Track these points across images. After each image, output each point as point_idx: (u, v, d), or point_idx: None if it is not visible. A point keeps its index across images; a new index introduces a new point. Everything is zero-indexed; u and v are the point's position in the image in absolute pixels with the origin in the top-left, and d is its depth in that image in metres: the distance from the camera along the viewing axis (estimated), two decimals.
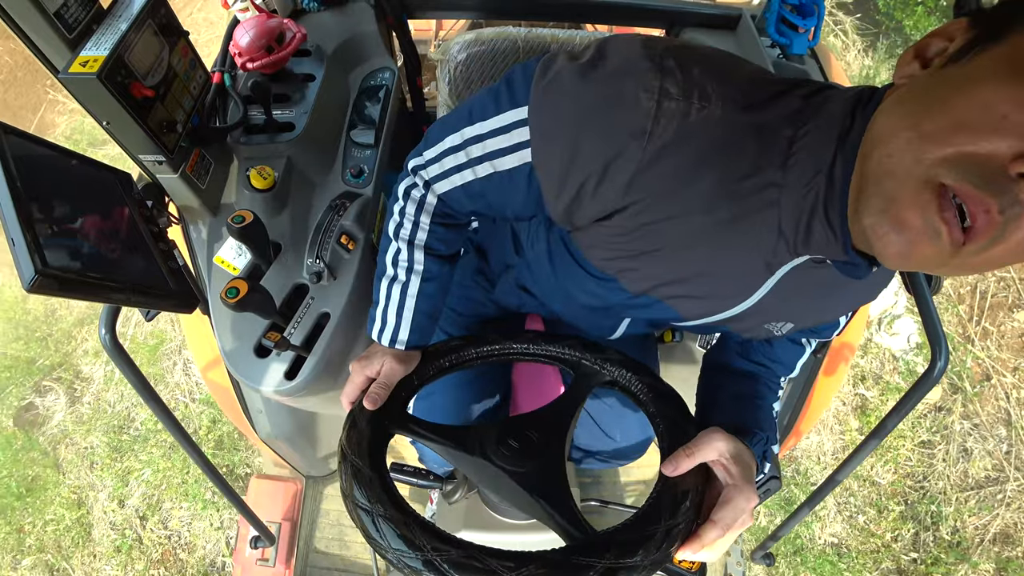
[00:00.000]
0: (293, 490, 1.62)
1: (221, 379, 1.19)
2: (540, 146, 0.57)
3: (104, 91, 0.72)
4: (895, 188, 0.44)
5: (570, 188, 0.57)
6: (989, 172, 0.39)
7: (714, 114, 0.50)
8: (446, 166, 0.68)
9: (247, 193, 0.97)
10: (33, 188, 0.64)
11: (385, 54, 1.22)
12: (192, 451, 1.06)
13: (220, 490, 1.16)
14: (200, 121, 0.94)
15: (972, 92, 0.40)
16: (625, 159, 0.52)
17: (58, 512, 2.16)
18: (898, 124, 0.44)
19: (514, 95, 0.59)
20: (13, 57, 3.08)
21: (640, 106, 0.50)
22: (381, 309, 0.79)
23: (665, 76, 0.50)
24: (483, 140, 0.62)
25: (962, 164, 0.40)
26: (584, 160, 0.54)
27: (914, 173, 0.42)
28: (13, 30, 0.70)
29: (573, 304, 0.83)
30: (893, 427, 0.96)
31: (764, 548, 1.40)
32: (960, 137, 0.40)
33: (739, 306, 0.66)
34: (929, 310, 0.88)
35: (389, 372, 0.75)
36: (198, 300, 0.84)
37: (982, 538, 2.04)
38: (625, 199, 0.55)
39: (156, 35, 0.82)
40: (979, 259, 0.43)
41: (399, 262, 0.77)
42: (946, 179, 0.41)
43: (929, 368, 0.87)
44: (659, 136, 0.51)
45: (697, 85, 0.50)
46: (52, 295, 0.61)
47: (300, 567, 1.59)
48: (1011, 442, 2.18)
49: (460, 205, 0.72)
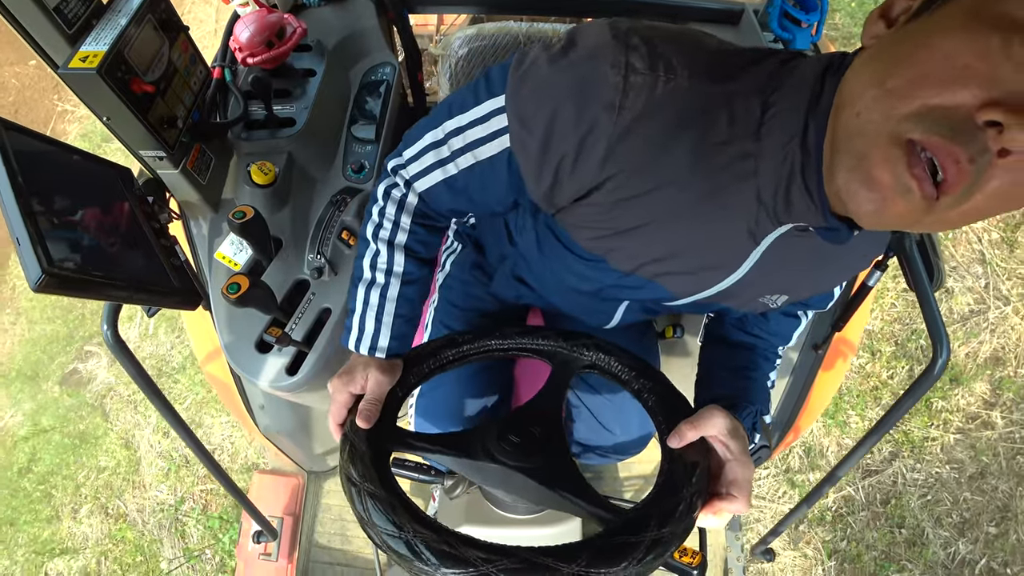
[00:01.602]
0: (295, 485, 1.62)
1: (222, 374, 1.19)
2: (517, 130, 0.58)
3: (104, 87, 0.72)
4: (864, 146, 0.44)
5: (549, 169, 0.58)
6: (956, 123, 0.39)
7: (681, 85, 0.51)
8: (427, 162, 0.68)
9: (248, 189, 0.97)
10: (34, 184, 0.64)
11: (386, 49, 1.21)
12: (195, 447, 1.06)
13: (223, 485, 1.17)
14: (201, 116, 0.94)
15: (934, 45, 0.40)
16: (598, 134, 0.53)
17: (108, 458, 2.31)
18: (865, 83, 0.45)
19: (491, 86, 0.61)
20: (20, 80, 3.20)
21: (608, 81, 0.51)
22: (358, 316, 0.75)
23: (630, 51, 0.51)
24: (463, 131, 0.63)
25: (929, 117, 0.40)
26: (559, 139, 0.56)
27: (882, 130, 0.43)
28: (13, 26, 0.70)
29: (567, 291, 0.83)
30: (895, 422, 0.96)
31: (765, 543, 1.40)
32: (925, 90, 0.40)
33: (728, 279, 0.66)
34: (930, 305, 0.87)
35: (376, 385, 0.71)
36: (200, 297, 0.84)
37: (974, 363, 2.20)
38: (601, 174, 0.56)
39: (156, 30, 0.82)
40: (955, 213, 0.43)
41: (378, 265, 0.75)
42: (914, 134, 0.41)
43: (931, 363, 0.87)
44: (629, 109, 0.52)
45: (662, 58, 0.51)
46: (58, 294, 0.61)
47: (302, 561, 1.60)
48: (988, 277, 2.32)
49: (441, 203, 0.72)
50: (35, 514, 2.25)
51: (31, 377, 2.54)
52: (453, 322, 0.99)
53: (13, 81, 3.19)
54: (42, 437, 2.40)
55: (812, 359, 1.18)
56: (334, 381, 0.73)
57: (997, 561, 1.93)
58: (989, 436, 2.08)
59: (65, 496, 2.27)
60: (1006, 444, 2.07)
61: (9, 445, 2.40)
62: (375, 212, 0.75)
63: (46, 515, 2.24)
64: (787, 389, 1.23)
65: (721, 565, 1.61)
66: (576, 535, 1.22)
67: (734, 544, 1.62)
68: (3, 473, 2.36)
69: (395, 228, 0.74)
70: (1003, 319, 2.23)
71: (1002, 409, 2.12)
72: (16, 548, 2.21)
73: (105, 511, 2.22)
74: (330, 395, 0.73)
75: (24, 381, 2.54)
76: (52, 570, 2.15)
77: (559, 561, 0.53)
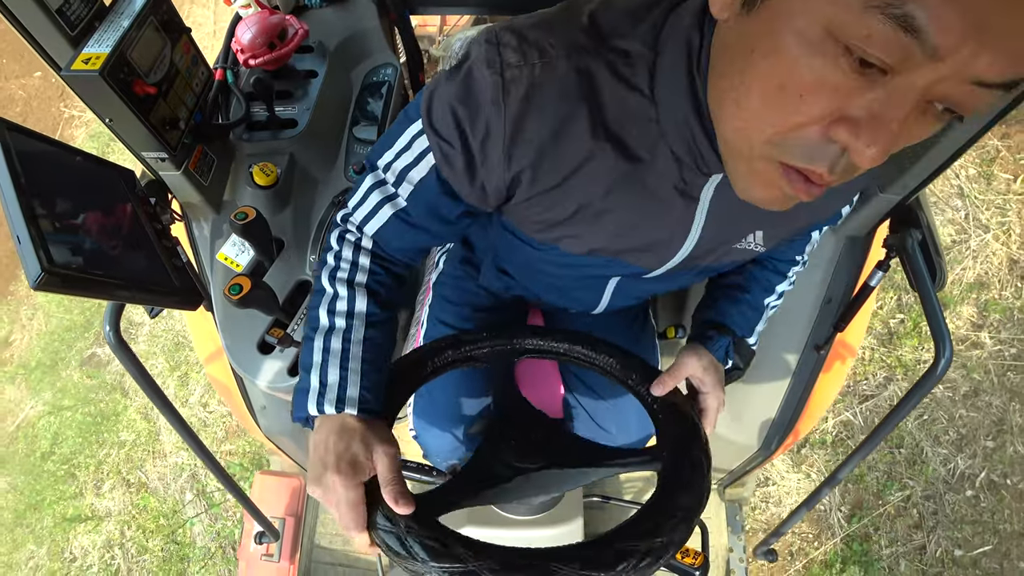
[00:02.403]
0: (297, 486, 1.62)
1: (224, 375, 1.20)
2: (436, 144, 0.59)
3: (106, 88, 0.72)
4: (746, 171, 0.47)
5: (467, 177, 0.60)
6: (810, 144, 0.41)
7: (559, 65, 0.52)
8: (373, 202, 0.68)
9: (250, 190, 0.98)
10: (36, 184, 0.64)
11: (387, 50, 1.22)
12: (196, 447, 1.06)
13: (224, 486, 1.17)
14: (203, 118, 0.94)
15: (766, 72, 0.40)
16: (494, 134, 0.55)
17: (128, 432, 2.40)
18: (726, 99, 0.45)
19: (409, 114, 0.63)
20: (26, 90, 3.29)
21: (487, 81, 0.53)
22: (317, 369, 0.64)
23: (502, 48, 0.53)
24: (394, 163, 0.65)
25: (785, 142, 0.42)
26: (465, 148, 0.57)
27: (752, 156, 0.45)
28: (16, 28, 0.70)
29: (543, 277, 0.83)
30: (895, 425, 0.95)
31: (766, 544, 1.40)
32: (771, 118, 0.41)
33: (687, 243, 0.66)
34: (932, 305, 0.87)
35: (386, 457, 0.60)
36: (202, 297, 0.84)
37: (959, 288, 2.28)
38: (509, 172, 0.58)
39: (158, 32, 0.82)
40: (847, 178, 0.44)
41: (337, 309, 0.67)
42: (780, 157, 0.43)
43: (933, 364, 0.86)
44: (512, 103, 0.53)
45: (533, 44, 0.52)
46: (58, 292, 0.62)
47: (304, 562, 1.60)
48: (967, 209, 2.39)
49: (395, 242, 0.70)
50: (59, 494, 2.33)
51: (51, 366, 2.63)
52: (448, 317, 1.00)
53: (20, 92, 3.28)
54: (63, 420, 2.49)
55: (813, 360, 1.17)
56: (324, 485, 0.58)
57: (997, 473, 2.00)
58: (979, 355, 2.15)
59: (88, 474, 2.35)
60: (996, 362, 2.14)
61: (31, 435, 2.49)
62: (330, 257, 0.70)
63: (70, 493, 2.33)
64: (788, 391, 1.23)
65: (723, 566, 1.61)
66: (578, 535, 1.21)
67: (736, 545, 1.61)
68: (26, 459, 2.44)
69: (353, 268, 0.70)
70: (984, 246, 2.32)
71: (989, 330, 2.19)
72: (41, 530, 2.28)
73: (127, 483, 2.31)
74: (324, 504, 0.59)
75: (44, 371, 2.62)
76: (77, 546, 2.22)
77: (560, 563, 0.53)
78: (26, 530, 2.29)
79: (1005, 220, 2.35)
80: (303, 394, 0.64)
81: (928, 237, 0.90)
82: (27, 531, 2.29)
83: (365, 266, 0.70)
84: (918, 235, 0.90)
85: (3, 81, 3.30)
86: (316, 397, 0.62)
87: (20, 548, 2.27)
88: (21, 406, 2.56)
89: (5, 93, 3.29)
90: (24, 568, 2.23)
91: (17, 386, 2.62)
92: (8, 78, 3.32)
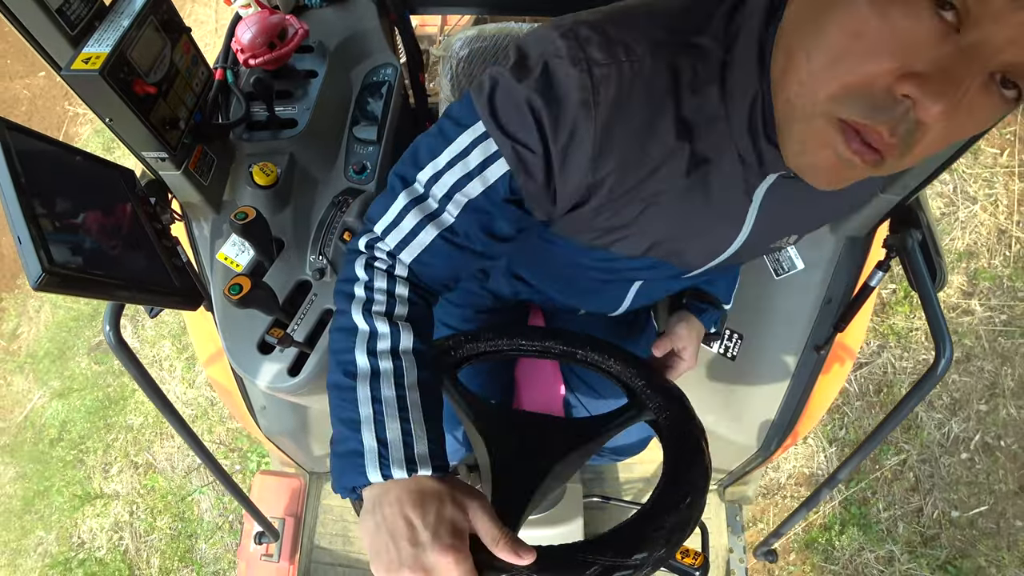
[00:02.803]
0: (297, 486, 1.62)
1: (224, 375, 1.19)
2: (510, 153, 0.54)
3: (106, 88, 0.72)
4: (803, 131, 0.46)
5: (544, 184, 0.56)
6: (875, 100, 0.40)
7: (646, 64, 0.50)
8: (408, 225, 0.59)
9: (250, 190, 0.98)
10: (36, 184, 0.64)
11: (387, 50, 1.22)
12: (196, 447, 1.06)
13: (224, 486, 1.17)
14: (203, 118, 0.94)
15: (842, 21, 0.40)
16: (581, 136, 0.52)
17: (136, 415, 2.43)
18: (789, 64, 0.45)
19: (460, 120, 0.56)
20: (31, 90, 3.33)
21: (575, 81, 0.50)
22: (370, 426, 0.53)
23: (585, 44, 0.50)
24: (442, 176, 0.57)
25: (849, 96, 0.41)
26: (546, 152, 0.53)
27: (813, 114, 0.44)
28: (16, 28, 0.70)
29: (571, 283, 0.83)
30: (896, 424, 0.95)
31: (767, 545, 1.40)
32: (841, 69, 0.41)
33: (737, 240, 0.66)
34: (932, 305, 0.87)
35: (483, 511, 0.51)
36: (202, 297, 0.84)
37: (950, 257, 2.30)
38: (595, 176, 0.55)
39: (158, 32, 0.82)
40: (908, 159, 0.44)
41: (379, 349, 0.57)
42: (841, 113, 0.42)
43: (933, 365, 0.86)
44: (603, 106, 0.50)
45: (619, 42, 0.50)
46: (58, 292, 0.62)
47: (304, 563, 1.60)
48: (955, 182, 2.44)
49: (435, 270, 0.61)
50: (68, 479, 2.37)
51: (58, 356, 2.66)
52: (451, 319, 0.99)
53: (24, 92, 3.32)
54: (71, 406, 2.52)
55: (814, 360, 1.17)
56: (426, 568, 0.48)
57: (990, 436, 2.05)
58: (970, 322, 2.20)
59: (96, 458, 2.39)
60: (987, 328, 2.19)
61: (39, 424, 2.52)
62: (358, 289, 0.60)
63: (79, 478, 2.36)
64: (787, 392, 1.22)
65: (723, 566, 1.60)
66: (578, 534, 1.21)
67: (736, 545, 1.61)
68: (34, 447, 2.46)
69: (391, 300, 0.60)
70: (972, 216, 2.37)
71: (979, 297, 2.23)
72: (50, 516, 2.30)
73: (135, 465, 2.35)
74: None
75: (52, 360, 2.65)
76: (85, 529, 2.26)
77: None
78: (35, 516, 2.32)
79: (992, 192, 2.40)
80: (354, 458, 0.52)
81: (928, 237, 0.90)
82: (36, 517, 2.32)
83: (404, 296, 0.61)
84: (918, 235, 0.90)
85: (8, 81, 3.33)
86: (377, 460, 0.51)
87: (29, 535, 2.30)
88: (29, 396, 2.60)
89: (10, 93, 3.32)
90: (33, 554, 2.25)
91: (25, 376, 2.66)
92: (12, 78, 3.35)
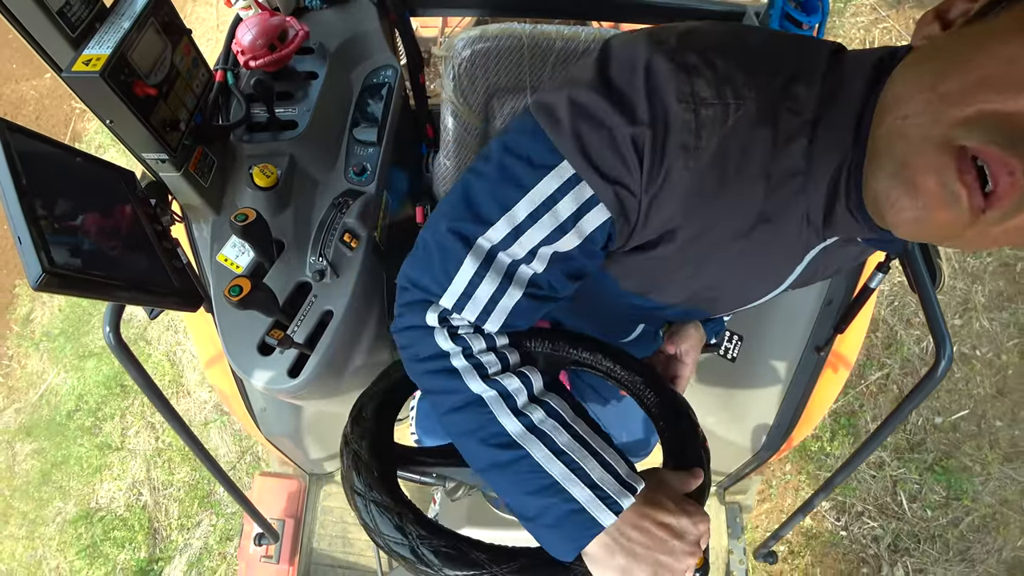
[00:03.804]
0: (297, 487, 1.62)
1: (225, 377, 1.19)
2: (610, 196, 0.47)
3: (107, 90, 0.72)
4: (909, 152, 0.41)
5: (634, 223, 0.50)
6: (1015, 132, 0.37)
7: (750, 110, 0.45)
8: (485, 295, 0.52)
9: (250, 191, 0.98)
10: (37, 185, 0.64)
11: (388, 51, 1.22)
12: (196, 448, 1.06)
13: (224, 487, 1.17)
14: (203, 119, 0.94)
15: (996, 49, 0.37)
16: (674, 180, 0.46)
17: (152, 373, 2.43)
18: (915, 86, 0.41)
19: (534, 160, 0.48)
20: (37, 90, 3.42)
21: (678, 119, 0.44)
22: (574, 479, 0.50)
23: (694, 77, 0.44)
24: (524, 232, 0.50)
25: (984, 124, 0.37)
26: (643, 192, 0.47)
27: (931, 135, 0.40)
28: (16, 29, 0.70)
29: (588, 316, 0.81)
30: (894, 428, 0.95)
31: (766, 547, 1.40)
32: (983, 95, 0.37)
33: (772, 292, 0.64)
34: (932, 306, 0.87)
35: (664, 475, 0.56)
36: (202, 298, 0.84)
37: None
38: (673, 223, 0.50)
39: (159, 33, 0.82)
40: (999, 229, 0.40)
41: (521, 407, 0.53)
42: (967, 141, 0.38)
43: (933, 366, 0.86)
44: (704, 149, 0.45)
45: (728, 81, 0.45)
46: (58, 293, 0.62)
47: (304, 564, 1.60)
48: None
49: (522, 322, 0.56)
50: (85, 447, 2.44)
51: (72, 334, 2.73)
52: None
53: (32, 92, 3.41)
54: (86, 378, 2.59)
55: (814, 361, 1.17)
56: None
57: (966, 346, 2.20)
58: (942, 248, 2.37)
59: (113, 424, 2.47)
60: (956, 251, 2.29)
61: (55, 401, 2.59)
62: (457, 361, 0.54)
63: (96, 444, 2.44)
64: (787, 393, 1.22)
65: (723, 568, 1.60)
66: None
67: (736, 547, 1.61)
68: (51, 422, 2.52)
69: (500, 355, 0.56)
70: None
71: None
72: (68, 485, 2.37)
73: (152, 426, 2.43)
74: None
75: (66, 339, 2.72)
76: (104, 493, 2.34)
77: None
78: (53, 487, 2.38)
79: None
80: (574, 518, 0.49)
81: None
82: (54, 488, 2.37)
83: (506, 344, 0.57)
84: None
85: (15, 84, 3.43)
86: (601, 504, 0.49)
87: (47, 505, 2.36)
88: (44, 376, 2.66)
89: (17, 94, 3.40)
90: (52, 523, 2.31)
91: (40, 356, 2.71)
92: (19, 81, 3.44)
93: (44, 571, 2.21)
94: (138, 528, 2.20)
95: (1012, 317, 2.21)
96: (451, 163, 1.29)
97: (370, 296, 1.04)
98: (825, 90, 0.47)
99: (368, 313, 1.06)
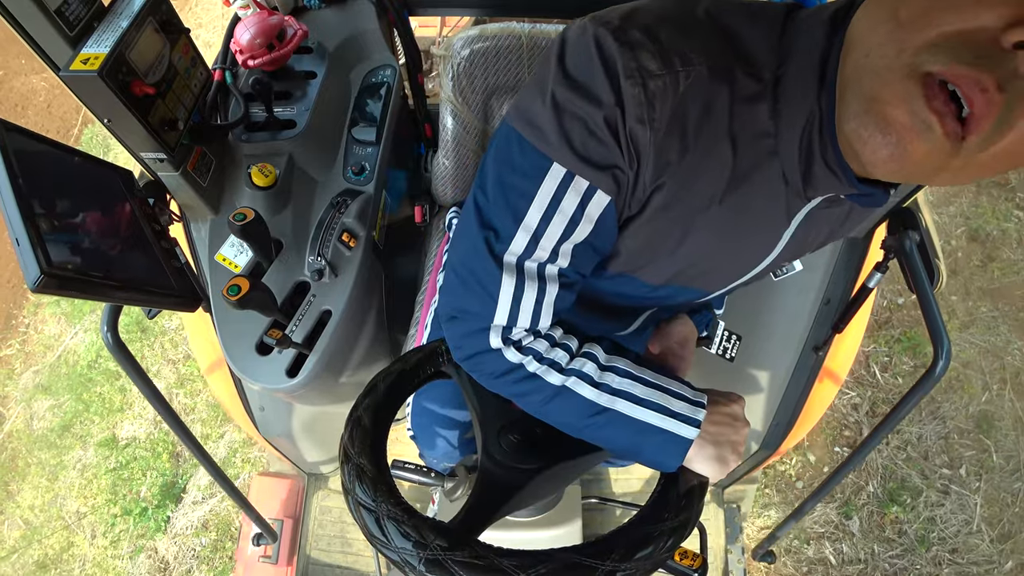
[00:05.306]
0: (295, 487, 1.62)
1: (223, 377, 1.19)
2: (607, 179, 0.50)
3: (105, 89, 0.72)
4: (876, 85, 0.40)
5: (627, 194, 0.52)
6: (980, 48, 0.36)
7: (702, 74, 0.46)
8: (529, 304, 0.57)
9: (248, 191, 0.97)
10: (35, 185, 0.64)
11: (386, 51, 1.22)
12: (194, 448, 1.06)
13: (222, 487, 1.17)
14: (201, 119, 0.94)
15: None
16: (642, 150, 0.48)
17: (172, 319, 2.56)
18: (876, 18, 0.41)
19: (528, 171, 0.51)
20: (48, 82, 3.46)
21: (630, 96, 0.45)
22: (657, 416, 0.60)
23: (638, 51, 0.45)
24: (541, 236, 0.53)
25: (947, 45, 0.37)
26: (628, 166, 0.50)
27: (896, 65, 0.39)
28: (15, 28, 0.70)
29: (582, 306, 0.81)
30: (893, 427, 0.95)
31: (765, 547, 1.40)
32: (942, 16, 0.37)
33: (762, 262, 0.64)
34: (930, 305, 0.87)
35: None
36: (200, 299, 0.84)
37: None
38: (647, 192, 0.52)
39: (157, 32, 0.82)
40: (986, 155, 0.39)
41: (597, 380, 0.60)
42: (932, 66, 0.37)
43: (931, 366, 0.86)
44: (659, 119, 0.46)
45: (674, 51, 0.46)
46: (56, 294, 0.62)
47: (302, 564, 1.60)
48: None
49: (566, 307, 0.61)
50: (104, 394, 2.45)
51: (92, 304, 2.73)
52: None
53: (42, 84, 3.45)
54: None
55: (812, 361, 1.17)
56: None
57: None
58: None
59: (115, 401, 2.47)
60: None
61: (73, 360, 2.57)
62: (532, 367, 0.60)
63: (116, 388, 2.45)
64: (786, 392, 1.23)
65: (722, 568, 1.60)
66: (577, 536, 1.21)
67: (735, 547, 1.61)
68: (69, 377, 2.51)
69: (565, 346, 0.62)
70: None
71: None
72: (87, 433, 2.38)
73: (172, 362, 2.46)
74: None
75: (83, 301, 2.68)
76: (124, 432, 2.35)
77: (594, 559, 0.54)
78: (73, 436, 2.40)
79: None
80: (670, 440, 0.60)
81: (926, 239, 0.91)
82: (74, 437, 2.39)
83: (563, 334, 0.63)
84: (916, 237, 0.90)
85: (24, 77, 3.46)
86: (685, 424, 0.60)
87: (68, 452, 2.37)
88: (61, 339, 2.68)
89: (28, 87, 3.43)
90: (72, 469, 2.33)
91: (57, 321, 2.73)
92: (28, 74, 3.49)
93: (65, 514, 2.24)
94: (161, 451, 2.26)
95: (958, 209, 2.47)
96: (450, 163, 1.29)
97: (368, 295, 1.04)
98: (783, 47, 0.48)
99: (366, 312, 1.06)
